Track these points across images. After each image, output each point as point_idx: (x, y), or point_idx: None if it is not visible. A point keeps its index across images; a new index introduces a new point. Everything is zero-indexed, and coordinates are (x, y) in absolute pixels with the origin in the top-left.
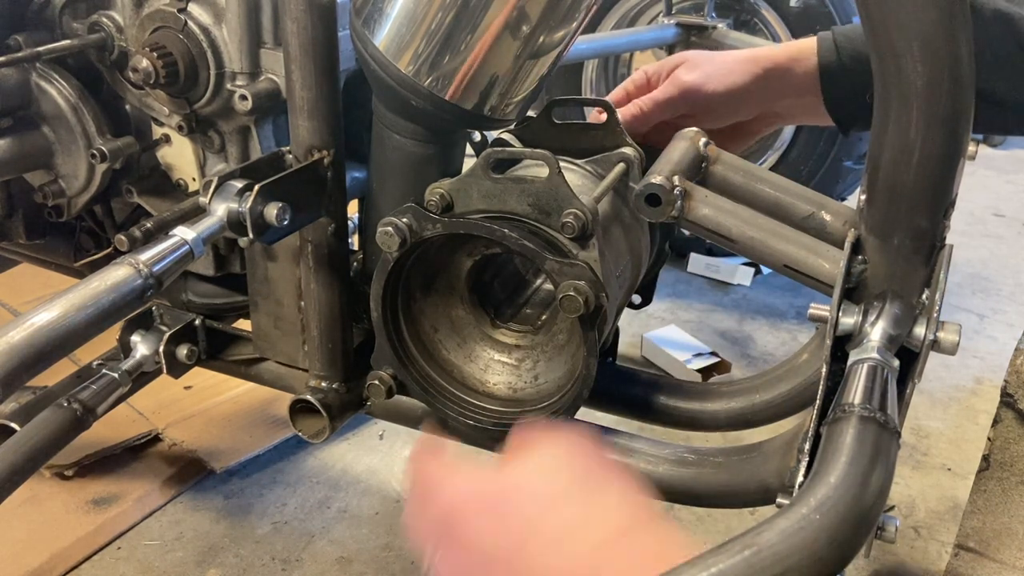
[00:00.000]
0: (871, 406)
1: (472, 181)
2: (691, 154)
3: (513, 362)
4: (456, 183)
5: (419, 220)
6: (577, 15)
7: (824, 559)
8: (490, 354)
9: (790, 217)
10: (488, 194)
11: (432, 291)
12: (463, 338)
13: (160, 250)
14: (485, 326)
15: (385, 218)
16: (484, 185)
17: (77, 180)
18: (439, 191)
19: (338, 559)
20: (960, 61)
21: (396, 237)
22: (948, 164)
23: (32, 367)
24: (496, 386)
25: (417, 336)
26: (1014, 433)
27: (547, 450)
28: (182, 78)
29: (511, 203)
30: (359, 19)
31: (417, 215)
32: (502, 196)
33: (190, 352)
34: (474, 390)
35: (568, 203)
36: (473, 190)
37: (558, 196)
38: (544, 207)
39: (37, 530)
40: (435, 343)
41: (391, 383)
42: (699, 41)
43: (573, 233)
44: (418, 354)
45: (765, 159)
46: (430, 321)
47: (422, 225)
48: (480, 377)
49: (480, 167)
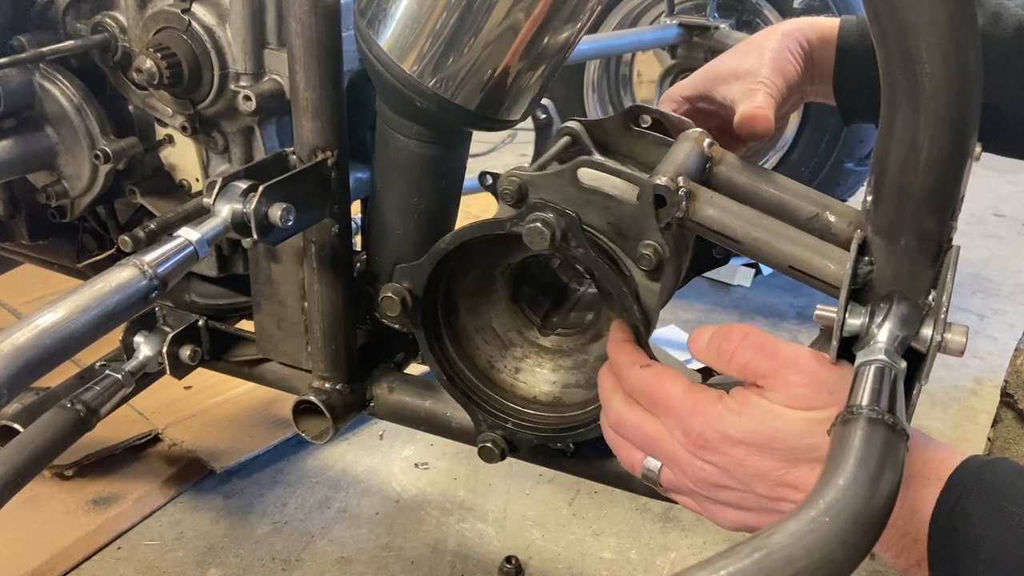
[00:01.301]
0: (879, 408)
1: (556, 181)
2: (695, 155)
3: (505, 340)
4: (538, 178)
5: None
6: (581, 16)
7: (834, 561)
8: (491, 319)
9: (795, 218)
10: (569, 199)
11: (472, 285)
12: (496, 331)
13: (165, 251)
14: (521, 323)
15: (533, 214)
16: (568, 190)
17: (80, 181)
18: (516, 180)
19: (338, 559)
20: (968, 62)
21: (547, 234)
22: (955, 165)
23: (37, 369)
24: (478, 351)
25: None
26: (1014, 433)
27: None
28: (186, 79)
29: (590, 215)
30: (363, 20)
31: (571, 226)
32: (583, 207)
33: (193, 353)
34: (462, 348)
35: (651, 234)
36: (553, 190)
37: (642, 224)
38: (623, 230)
39: (37, 530)
40: (468, 331)
41: (409, 301)
42: (701, 41)
43: (649, 266)
44: (448, 337)
45: (767, 160)
46: (466, 305)
47: (568, 238)
48: (471, 335)
49: (569, 172)
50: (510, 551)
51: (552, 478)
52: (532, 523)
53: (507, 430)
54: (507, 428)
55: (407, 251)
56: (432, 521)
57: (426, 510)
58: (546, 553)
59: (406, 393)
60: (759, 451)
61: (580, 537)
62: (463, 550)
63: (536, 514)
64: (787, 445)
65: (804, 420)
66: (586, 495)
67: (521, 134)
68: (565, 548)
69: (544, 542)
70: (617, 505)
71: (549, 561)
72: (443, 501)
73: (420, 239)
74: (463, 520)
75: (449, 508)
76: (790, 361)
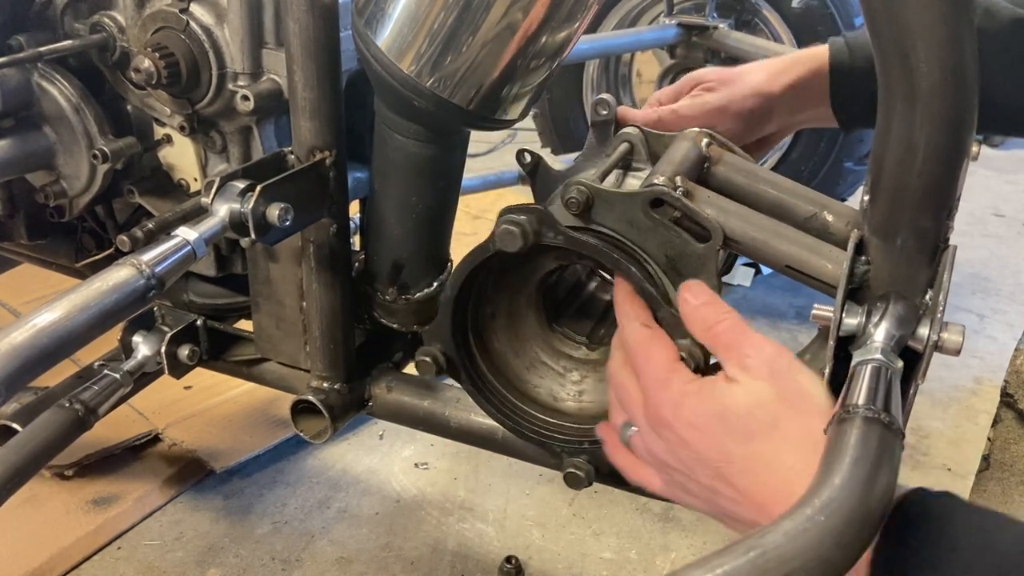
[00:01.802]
0: (875, 407)
1: (625, 201)
2: (693, 154)
3: (559, 369)
4: (609, 194)
5: (543, 225)
6: (580, 15)
7: (829, 560)
8: (537, 353)
9: (792, 218)
10: (632, 223)
11: (505, 329)
12: (517, 331)
13: (162, 251)
14: (541, 324)
15: (508, 215)
16: (635, 215)
17: (79, 180)
18: (585, 191)
19: (338, 559)
20: (964, 62)
21: (519, 237)
22: (952, 165)
23: (35, 368)
24: (537, 388)
25: (475, 321)
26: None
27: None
28: (184, 78)
29: (649, 244)
30: (361, 19)
31: (543, 219)
32: (645, 233)
33: (192, 353)
34: (516, 389)
35: (707, 278)
36: (619, 210)
37: (700, 268)
38: (679, 267)
39: (37, 530)
40: (490, 331)
41: (442, 361)
42: (700, 41)
43: None
44: (473, 340)
45: (766, 160)
46: (490, 307)
47: (543, 231)
48: (522, 375)
49: (643, 201)
50: (510, 551)
51: (552, 478)
52: (532, 523)
53: (587, 451)
54: (587, 450)
55: (406, 251)
56: (432, 521)
57: (426, 510)
58: (546, 553)
59: (404, 393)
60: (704, 433)
61: (580, 537)
62: (463, 550)
63: (536, 514)
64: (732, 422)
65: (749, 391)
66: (586, 495)
67: (521, 134)
68: (565, 548)
69: (544, 542)
70: (617, 505)
71: (549, 561)
72: (443, 501)
73: (419, 239)
74: (463, 520)
75: (449, 508)
76: (755, 341)
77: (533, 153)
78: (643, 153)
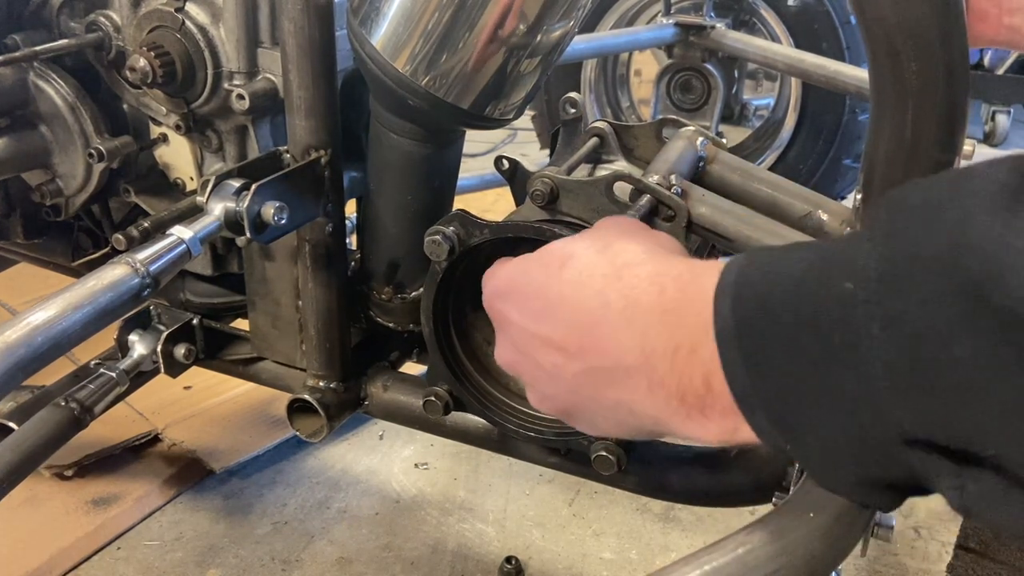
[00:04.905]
0: None
1: (589, 190)
2: (689, 153)
3: None
4: (571, 183)
5: (467, 227)
6: (574, 14)
7: (817, 557)
8: None
9: (787, 216)
10: (597, 209)
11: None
12: None
13: (157, 249)
14: None
15: (432, 227)
16: (599, 200)
17: (75, 179)
18: (548, 182)
19: (338, 559)
20: (955, 59)
21: (444, 245)
22: (943, 162)
23: (29, 366)
24: (517, 381)
25: (471, 350)
26: None
27: None
28: (179, 77)
29: None
30: (356, 19)
31: (464, 222)
32: None
33: (188, 351)
34: (497, 382)
35: None
36: (583, 198)
37: None
38: None
39: (37, 530)
40: (489, 356)
41: (448, 399)
42: (698, 41)
43: None
44: (472, 368)
45: (764, 158)
46: (482, 334)
47: (470, 232)
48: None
49: (605, 184)
50: (510, 551)
51: (552, 478)
52: (532, 523)
53: (568, 442)
54: (568, 441)
55: (401, 250)
56: (432, 521)
57: (426, 510)
58: (546, 553)
59: (400, 392)
60: (525, 285)
61: (580, 537)
62: (463, 550)
63: (536, 514)
64: (535, 272)
65: (570, 241)
66: (586, 495)
67: (521, 134)
68: (565, 548)
69: (544, 542)
70: (617, 505)
71: (549, 561)
72: (443, 501)
73: (414, 238)
74: (463, 520)
75: (449, 508)
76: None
77: (510, 159)
78: (612, 145)
